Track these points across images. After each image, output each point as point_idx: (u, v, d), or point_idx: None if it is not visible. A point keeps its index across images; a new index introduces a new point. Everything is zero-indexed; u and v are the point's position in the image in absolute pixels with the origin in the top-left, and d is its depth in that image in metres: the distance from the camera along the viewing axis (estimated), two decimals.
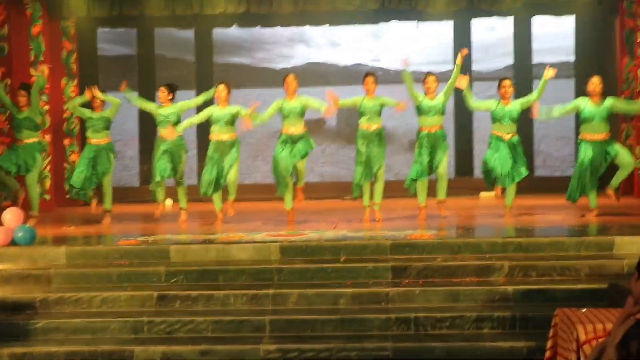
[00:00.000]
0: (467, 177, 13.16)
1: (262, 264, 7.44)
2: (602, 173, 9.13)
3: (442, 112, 9.50)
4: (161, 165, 9.75)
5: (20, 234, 8.03)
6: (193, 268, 7.37)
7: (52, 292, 7.08)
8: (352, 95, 9.82)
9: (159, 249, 7.75)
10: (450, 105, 13.23)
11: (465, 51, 9.41)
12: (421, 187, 9.43)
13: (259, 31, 13.55)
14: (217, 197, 9.65)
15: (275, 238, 8.04)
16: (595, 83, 9.11)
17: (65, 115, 12.49)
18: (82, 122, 12.60)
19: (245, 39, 13.84)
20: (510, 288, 6.82)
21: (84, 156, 10.07)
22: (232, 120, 9.68)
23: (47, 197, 11.88)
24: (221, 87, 9.71)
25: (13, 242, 8.04)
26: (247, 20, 12.92)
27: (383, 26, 13.28)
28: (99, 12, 12.26)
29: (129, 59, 13.79)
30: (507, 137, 9.30)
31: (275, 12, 12.36)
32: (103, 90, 10.30)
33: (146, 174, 13.41)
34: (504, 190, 9.46)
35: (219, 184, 9.55)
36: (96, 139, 10.06)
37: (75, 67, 12.70)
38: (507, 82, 9.41)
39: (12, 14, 11.52)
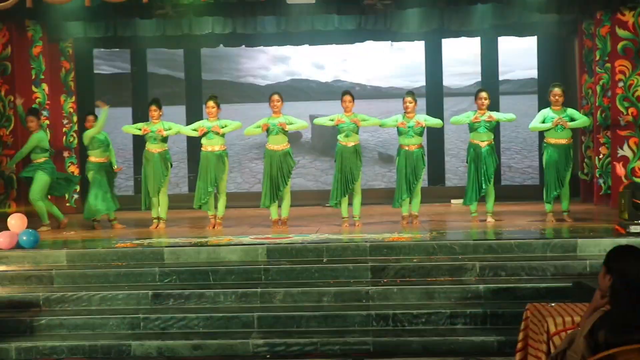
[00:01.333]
0: (439, 185, 13.20)
1: (250, 264, 7.38)
2: (568, 179, 9.14)
3: (420, 133, 9.48)
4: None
5: (24, 238, 8.01)
6: (185, 268, 7.31)
7: (54, 291, 7.03)
8: (333, 111, 9.77)
9: (154, 251, 7.68)
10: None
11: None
12: (405, 201, 9.44)
13: (244, 50, 13.53)
14: (210, 204, 9.57)
15: (262, 241, 7.99)
16: (556, 94, 9.12)
17: (64, 129, 12.41)
18: (80, 136, 12.56)
19: (231, 57, 13.81)
20: (481, 286, 6.80)
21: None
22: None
23: None
24: (211, 104, 9.58)
25: (18, 245, 8.00)
26: (232, 40, 12.94)
27: (359, 45, 13.30)
28: (95, 34, 12.21)
29: (123, 76, 13.73)
30: (484, 144, 9.30)
31: (259, 33, 12.35)
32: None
33: (139, 184, 13.32)
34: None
35: (210, 194, 9.49)
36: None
37: (73, 85, 12.67)
38: (483, 94, 9.40)
39: (14, 36, 11.42)
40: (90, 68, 13.47)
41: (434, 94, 13.25)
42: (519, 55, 13.26)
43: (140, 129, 9.87)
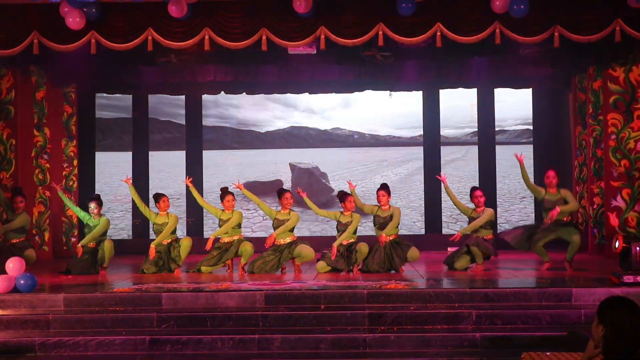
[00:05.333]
0: (435, 233, 13.25)
1: (247, 310, 7.41)
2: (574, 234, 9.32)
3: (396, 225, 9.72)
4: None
5: (22, 282, 7.98)
6: (183, 314, 7.33)
7: (50, 336, 7.01)
8: (331, 158, 9.90)
9: (152, 296, 7.70)
10: (420, 164, 13.47)
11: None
12: None
13: (244, 97, 13.71)
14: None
15: (260, 287, 8.02)
16: (550, 176, 9.40)
17: (64, 172, 12.49)
18: (80, 179, 12.67)
19: (232, 104, 13.98)
20: (478, 335, 6.84)
21: None
22: (238, 225, 9.93)
23: (46, 248, 11.84)
24: (230, 197, 9.93)
25: (15, 289, 7.97)
26: (233, 87, 13.07)
27: (358, 94, 13.48)
28: (97, 79, 12.36)
29: (124, 121, 13.87)
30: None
31: (260, 81, 12.51)
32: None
33: (138, 228, 13.40)
34: None
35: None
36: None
37: (74, 129, 12.75)
38: (478, 193, 9.68)
39: (18, 80, 11.60)
40: (92, 113, 13.61)
41: (431, 142, 13.39)
42: (515, 107, 13.46)
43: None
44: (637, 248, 7.77)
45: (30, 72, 11.83)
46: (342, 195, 9.79)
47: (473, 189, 9.84)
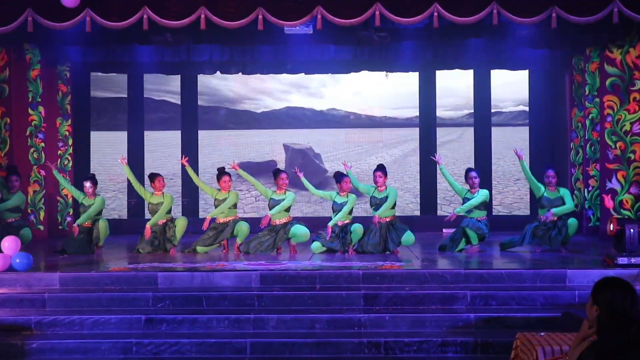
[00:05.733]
0: (431, 214, 13.28)
1: (243, 290, 7.42)
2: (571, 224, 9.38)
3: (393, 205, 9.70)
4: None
5: (17, 261, 7.98)
6: (179, 293, 7.34)
7: (46, 315, 7.02)
8: (327, 139, 9.89)
9: (148, 276, 7.71)
10: (415, 145, 13.48)
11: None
12: None
13: (240, 77, 13.67)
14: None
15: (256, 267, 8.04)
16: (550, 176, 9.45)
17: (59, 152, 12.47)
18: (75, 158, 12.67)
19: (228, 84, 13.93)
20: (472, 315, 6.86)
21: None
22: (234, 205, 9.94)
23: (41, 227, 11.84)
24: (227, 178, 9.94)
25: (11, 268, 7.97)
26: (229, 67, 13.02)
27: (355, 75, 13.44)
28: (92, 58, 12.31)
29: (119, 100, 13.82)
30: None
31: (256, 61, 12.47)
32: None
33: (134, 208, 13.40)
34: None
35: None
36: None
37: (69, 108, 12.73)
38: (473, 174, 9.68)
39: (12, 59, 11.55)
40: (87, 92, 13.55)
41: (427, 124, 13.40)
42: (511, 88, 13.44)
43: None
44: (631, 230, 7.80)
45: (25, 50, 11.76)
46: (339, 176, 9.79)
47: (468, 170, 9.84)
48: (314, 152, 13.64)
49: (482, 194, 9.62)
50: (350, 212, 9.72)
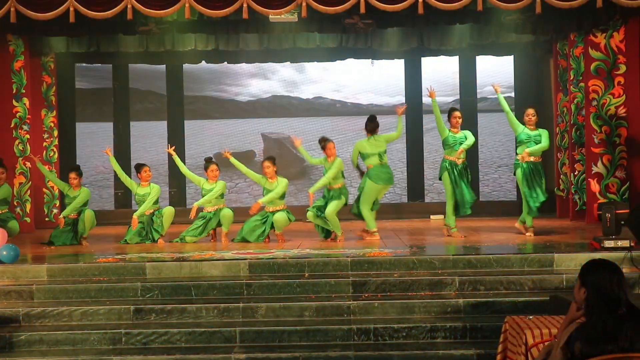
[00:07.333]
0: (418, 201, 13.30)
1: (232, 279, 7.41)
2: (541, 195, 9.28)
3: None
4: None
5: (4, 253, 7.92)
6: (167, 283, 7.31)
7: (34, 307, 6.97)
8: (313, 127, 9.84)
9: (136, 266, 7.68)
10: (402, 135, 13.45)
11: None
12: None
13: (226, 66, 13.60)
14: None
15: (244, 256, 8.02)
16: (529, 114, 9.37)
17: (45, 143, 12.38)
18: (60, 150, 12.59)
19: (213, 74, 13.86)
20: (461, 301, 6.87)
21: None
22: (221, 195, 9.93)
23: (28, 219, 11.77)
24: (214, 167, 9.90)
25: None
26: (215, 56, 13.00)
27: (340, 63, 13.41)
28: (77, 49, 12.23)
29: (105, 91, 13.73)
30: (459, 162, 9.43)
31: (241, 50, 12.43)
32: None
33: (120, 200, 13.36)
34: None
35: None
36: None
37: (54, 100, 12.64)
38: (457, 113, 9.56)
39: None
40: (72, 83, 13.46)
41: (413, 111, 13.37)
42: (496, 74, 13.44)
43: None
44: (608, 215, 7.89)
45: (8, 41, 11.64)
46: (323, 141, 9.66)
47: (452, 110, 9.71)
48: (291, 142, 13.60)
49: (470, 139, 9.51)
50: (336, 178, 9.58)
